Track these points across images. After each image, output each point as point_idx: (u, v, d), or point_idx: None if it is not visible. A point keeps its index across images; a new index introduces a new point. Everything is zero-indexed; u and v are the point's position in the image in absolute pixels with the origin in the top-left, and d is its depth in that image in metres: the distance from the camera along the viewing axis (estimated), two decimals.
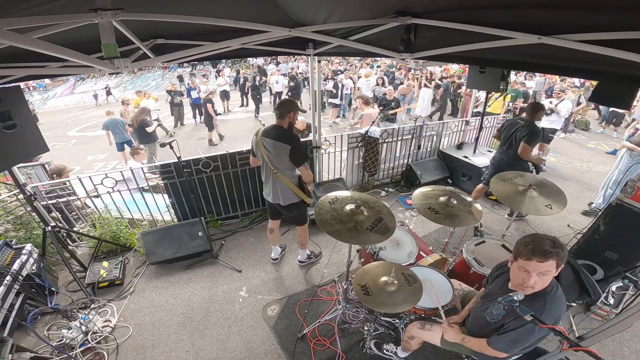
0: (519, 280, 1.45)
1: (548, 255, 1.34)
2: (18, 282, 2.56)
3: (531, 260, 1.37)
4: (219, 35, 2.12)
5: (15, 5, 1.35)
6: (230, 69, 19.81)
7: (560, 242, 1.39)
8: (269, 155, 2.61)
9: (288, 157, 2.56)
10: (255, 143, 2.68)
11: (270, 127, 2.63)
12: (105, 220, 3.68)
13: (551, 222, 4.30)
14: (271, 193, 2.81)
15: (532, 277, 1.39)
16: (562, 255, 1.36)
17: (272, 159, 2.62)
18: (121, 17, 1.48)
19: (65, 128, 12.12)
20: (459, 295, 2.14)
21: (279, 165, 2.63)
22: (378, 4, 2.10)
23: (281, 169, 2.64)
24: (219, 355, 2.58)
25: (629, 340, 2.67)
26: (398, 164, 5.29)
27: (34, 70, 2.12)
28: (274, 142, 2.55)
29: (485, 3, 1.66)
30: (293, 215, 3.01)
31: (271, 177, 2.73)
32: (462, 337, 1.76)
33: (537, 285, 1.42)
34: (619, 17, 1.29)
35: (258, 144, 2.63)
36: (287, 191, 2.75)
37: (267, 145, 2.59)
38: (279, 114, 2.58)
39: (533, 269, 1.38)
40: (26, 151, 2.33)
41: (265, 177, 2.82)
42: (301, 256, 3.47)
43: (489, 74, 3.43)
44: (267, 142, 2.58)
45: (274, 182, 2.74)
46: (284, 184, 2.69)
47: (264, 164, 2.71)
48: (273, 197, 2.82)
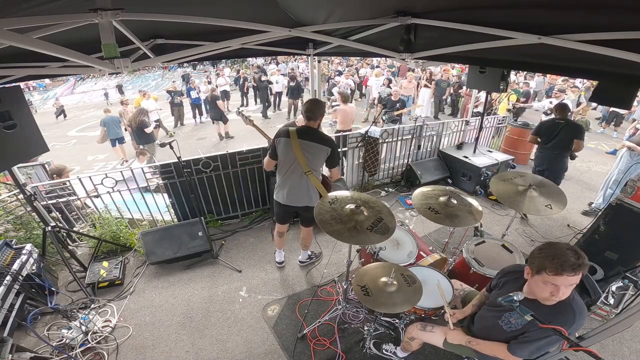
0: (546, 294, 1.40)
1: (578, 269, 1.31)
2: (18, 282, 2.55)
3: (561, 275, 1.32)
4: (219, 35, 2.12)
5: (15, 5, 1.35)
6: (230, 69, 19.82)
7: (579, 250, 1.35)
8: (306, 157, 2.53)
9: (325, 159, 2.58)
10: (285, 144, 2.55)
11: (304, 129, 2.55)
12: (105, 220, 3.68)
13: (551, 222, 4.30)
14: (297, 195, 2.69)
15: (560, 290, 1.36)
16: (587, 263, 1.33)
17: (310, 160, 2.54)
18: (121, 17, 1.48)
19: (65, 128, 12.12)
20: (459, 295, 2.14)
21: (314, 166, 2.59)
22: (378, 4, 2.10)
23: (315, 170, 2.61)
24: (219, 355, 2.58)
25: (629, 340, 2.67)
26: (398, 164, 5.29)
27: (34, 70, 2.12)
28: (314, 144, 2.51)
29: (485, 3, 1.66)
30: (310, 215, 2.89)
31: (302, 178, 2.62)
32: (468, 339, 1.74)
33: (563, 296, 1.39)
34: (619, 17, 1.29)
35: (292, 145, 2.51)
36: (315, 192, 2.69)
37: (305, 146, 2.51)
38: (311, 115, 2.51)
39: (562, 283, 1.34)
40: (26, 151, 2.34)
41: (291, 180, 2.66)
42: (302, 256, 3.45)
43: (489, 74, 3.43)
44: (305, 144, 2.51)
45: (304, 184, 2.64)
46: (314, 184, 2.64)
47: (294, 165, 2.58)
48: (299, 199, 2.71)
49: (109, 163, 8.08)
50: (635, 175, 3.45)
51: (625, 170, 4.16)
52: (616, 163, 4.46)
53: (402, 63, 10.61)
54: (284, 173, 2.68)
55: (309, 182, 2.63)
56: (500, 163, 4.92)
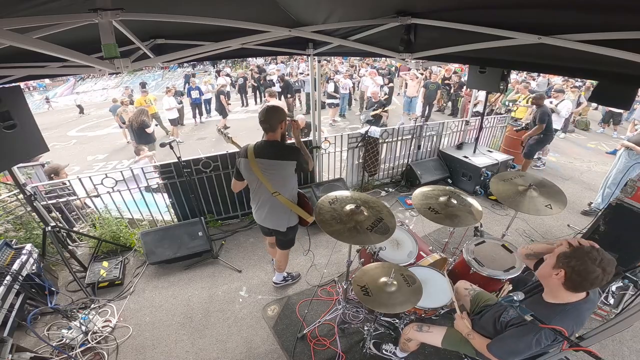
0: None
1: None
2: (18, 282, 2.56)
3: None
4: (219, 35, 2.12)
5: (15, 5, 1.35)
6: (230, 68, 19.82)
7: (607, 265, 1.30)
8: (269, 177, 2.24)
9: (294, 171, 2.30)
10: (244, 165, 2.26)
11: (263, 145, 2.24)
12: (105, 220, 3.69)
13: (551, 222, 4.30)
14: (269, 218, 2.45)
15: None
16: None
17: (273, 179, 2.26)
18: (121, 17, 1.48)
19: (65, 128, 12.12)
20: (469, 295, 2.12)
21: (280, 186, 2.28)
22: (378, 4, 2.09)
23: (283, 190, 2.30)
24: (219, 355, 2.58)
25: (629, 340, 2.67)
26: (398, 164, 5.30)
27: (34, 70, 2.12)
28: (275, 162, 2.22)
29: (486, 3, 1.66)
30: (287, 239, 2.66)
31: (269, 201, 2.36)
32: (469, 332, 1.75)
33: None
34: (618, 17, 1.29)
35: (250, 166, 2.22)
36: (288, 213, 2.42)
37: (264, 165, 2.22)
38: (268, 126, 2.18)
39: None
40: (26, 151, 2.34)
41: (259, 201, 2.42)
42: (277, 277, 3.19)
43: (489, 74, 3.42)
44: (264, 163, 2.22)
45: (273, 206, 2.38)
46: (286, 206, 2.36)
47: (259, 187, 2.34)
48: (272, 223, 2.48)
49: (109, 163, 8.08)
50: (635, 175, 3.45)
51: (624, 170, 4.16)
52: (614, 163, 4.46)
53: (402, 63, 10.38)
54: (252, 193, 2.44)
55: (277, 204, 2.34)
56: (500, 163, 4.92)
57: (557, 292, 1.44)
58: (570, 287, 1.37)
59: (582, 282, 1.32)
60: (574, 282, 1.34)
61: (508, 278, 2.36)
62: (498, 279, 2.36)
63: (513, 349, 1.48)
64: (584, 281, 1.31)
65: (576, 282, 1.34)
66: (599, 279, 1.28)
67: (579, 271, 1.30)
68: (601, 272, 1.27)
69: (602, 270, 1.27)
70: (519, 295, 1.38)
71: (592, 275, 1.28)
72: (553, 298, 1.46)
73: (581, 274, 1.30)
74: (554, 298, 1.46)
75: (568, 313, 1.40)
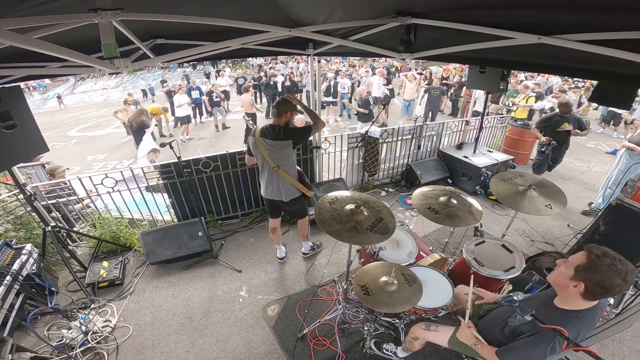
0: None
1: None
2: (18, 282, 2.56)
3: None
4: (219, 35, 2.12)
5: (15, 5, 1.35)
6: (230, 68, 19.82)
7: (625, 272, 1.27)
8: (270, 154, 2.67)
9: (292, 148, 2.68)
10: (253, 143, 2.73)
11: (268, 127, 2.67)
12: (105, 220, 3.68)
13: (551, 222, 4.30)
14: (272, 190, 2.85)
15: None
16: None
17: (274, 156, 2.68)
18: (121, 17, 1.48)
19: (65, 128, 12.12)
20: (474, 299, 2.10)
21: (280, 162, 2.70)
22: (378, 4, 2.10)
23: (282, 166, 2.71)
24: (219, 355, 2.58)
25: (629, 340, 2.67)
26: (398, 164, 5.29)
27: (34, 70, 2.12)
28: (275, 142, 2.64)
29: (486, 3, 1.66)
30: (295, 209, 3.04)
31: (273, 174, 2.78)
32: (475, 342, 1.69)
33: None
34: (618, 17, 1.29)
35: (257, 144, 2.68)
36: (289, 186, 2.82)
37: (267, 145, 2.65)
38: (276, 112, 2.64)
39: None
40: (26, 151, 2.34)
41: (265, 176, 2.85)
42: (305, 248, 3.56)
43: (489, 74, 3.43)
44: (266, 142, 2.65)
45: (276, 179, 2.79)
46: (286, 179, 2.76)
47: (264, 162, 2.75)
48: (275, 194, 2.86)
49: (109, 163, 8.08)
50: (635, 175, 3.45)
51: (625, 170, 4.16)
52: (615, 163, 4.46)
53: (402, 63, 10.33)
54: (260, 170, 2.88)
55: (279, 177, 2.77)
56: (500, 163, 4.92)
57: (572, 301, 1.40)
58: (590, 297, 1.34)
59: (604, 294, 1.30)
60: (595, 294, 1.31)
61: (508, 278, 2.36)
62: (498, 279, 2.36)
63: (527, 357, 1.44)
64: (606, 293, 1.29)
65: (598, 294, 1.31)
66: (621, 290, 1.27)
67: (603, 285, 1.27)
68: (624, 283, 1.25)
69: (625, 282, 1.25)
70: (519, 295, 1.38)
71: (617, 289, 1.26)
72: (566, 305, 1.43)
73: (605, 287, 1.27)
74: (567, 305, 1.42)
75: (582, 320, 1.37)
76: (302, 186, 2.86)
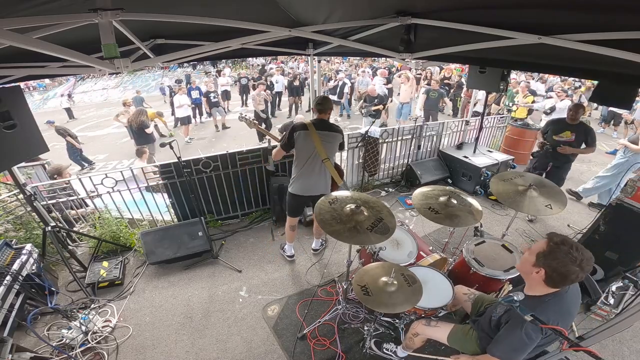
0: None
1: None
2: (18, 282, 2.55)
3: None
4: (219, 35, 2.12)
5: (15, 5, 1.35)
6: (230, 68, 19.81)
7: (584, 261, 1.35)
8: (325, 146, 2.77)
9: (338, 144, 2.89)
10: (305, 137, 2.75)
11: (320, 121, 2.81)
12: (105, 220, 3.68)
13: (551, 222, 4.30)
14: (319, 185, 2.92)
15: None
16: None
17: (327, 147, 2.79)
18: (121, 17, 1.48)
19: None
20: (469, 299, 2.11)
21: (330, 154, 2.84)
22: (378, 4, 2.10)
23: (331, 158, 2.85)
24: (219, 355, 2.58)
25: (629, 340, 2.67)
26: (398, 164, 5.29)
27: (34, 70, 2.12)
28: (331, 134, 2.79)
29: (486, 3, 1.66)
30: None
31: (320, 167, 2.85)
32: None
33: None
34: (618, 17, 1.29)
35: (312, 137, 2.73)
36: (330, 178, 2.94)
37: (324, 137, 2.76)
38: (322, 108, 2.80)
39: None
40: (26, 151, 2.34)
41: (310, 170, 2.86)
42: (315, 244, 3.66)
43: (489, 74, 3.43)
44: (323, 134, 2.76)
45: (322, 172, 2.87)
46: (330, 172, 2.88)
47: (313, 155, 2.79)
48: (317, 188, 2.91)
49: (109, 163, 8.08)
50: (634, 171, 3.45)
51: (621, 167, 4.32)
52: (613, 163, 4.61)
53: (402, 63, 10.23)
54: (302, 164, 2.86)
55: (326, 171, 2.88)
56: (500, 163, 4.92)
57: (537, 287, 1.50)
58: (550, 283, 1.43)
59: (562, 280, 1.39)
60: (554, 280, 1.41)
61: (508, 278, 2.36)
62: (498, 279, 2.36)
63: (513, 347, 1.48)
64: (564, 280, 1.38)
65: (557, 281, 1.40)
66: (578, 277, 1.36)
67: (560, 272, 1.36)
68: (580, 270, 1.34)
69: (581, 269, 1.34)
70: (519, 295, 1.38)
71: (573, 275, 1.35)
72: (533, 291, 1.52)
73: (562, 274, 1.36)
74: (534, 291, 1.51)
75: (549, 304, 1.44)
76: (339, 177, 2.96)
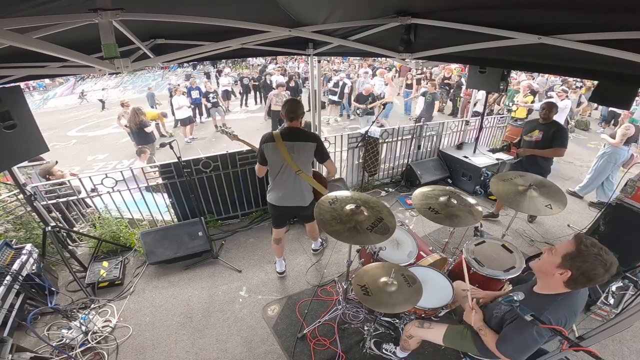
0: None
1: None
2: (18, 282, 2.56)
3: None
4: (219, 35, 2.12)
5: (15, 5, 1.35)
6: (230, 68, 19.81)
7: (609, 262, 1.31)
8: (294, 157, 2.57)
9: (314, 154, 2.61)
10: (272, 149, 2.56)
11: (287, 130, 2.57)
12: (105, 220, 3.68)
13: (551, 222, 4.30)
14: (295, 196, 2.73)
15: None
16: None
17: (297, 159, 2.58)
18: (121, 17, 1.48)
19: (65, 128, 12.11)
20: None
21: (303, 165, 2.63)
22: (378, 4, 2.09)
23: (304, 169, 2.65)
24: (219, 355, 2.58)
25: (629, 340, 2.67)
26: (398, 164, 5.29)
27: (34, 70, 2.12)
28: (299, 143, 2.55)
29: (486, 3, 1.66)
30: (309, 213, 2.83)
31: (293, 179, 2.66)
32: (481, 326, 1.70)
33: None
34: (618, 17, 1.28)
35: (278, 148, 2.54)
36: (308, 189, 2.76)
37: (291, 147, 2.55)
38: (293, 115, 2.55)
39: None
40: (26, 151, 2.34)
41: (283, 181, 2.68)
42: (315, 245, 3.64)
43: (489, 74, 3.43)
44: (290, 145, 2.55)
45: (297, 183, 2.68)
46: (307, 181, 2.69)
47: (284, 167, 2.61)
48: (295, 200, 2.74)
49: (109, 163, 8.08)
50: (635, 175, 3.46)
51: (611, 161, 4.63)
52: (598, 157, 4.88)
53: (402, 63, 10.16)
54: (274, 176, 2.69)
55: (301, 182, 2.68)
56: (500, 163, 4.92)
57: (553, 286, 1.45)
58: (572, 285, 1.38)
59: (586, 282, 1.34)
60: (578, 282, 1.36)
61: (508, 278, 2.36)
62: (498, 279, 2.36)
63: (523, 345, 1.46)
64: (589, 282, 1.33)
65: (580, 282, 1.35)
66: (602, 281, 1.31)
67: (588, 275, 1.30)
68: (606, 274, 1.29)
69: (608, 272, 1.29)
70: (519, 295, 1.38)
71: (599, 279, 1.30)
72: (546, 290, 1.49)
73: (589, 276, 1.31)
74: (547, 290, 1.48)
75: (561, 303, 1.42)
76: (321, 186, 2.81)
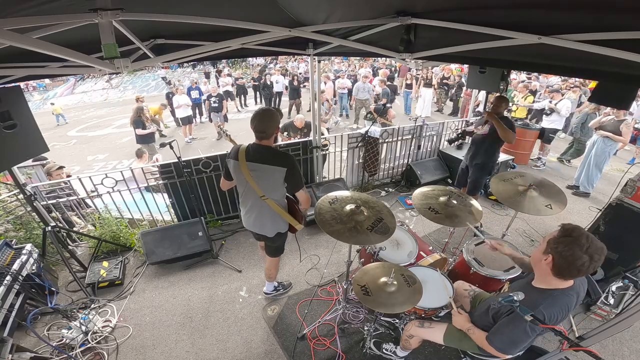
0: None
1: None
2: (18, 282, 2.55)
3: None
4: (219, 35, 2.12)
5: (15, 5, 1.35)
6: (229, 68, 19.81)
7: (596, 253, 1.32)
8: (256, 181, 2.17)
9: (283, 181, 2.19)
10: (234, 167, 2.21)
11: (254, 148, 2.17)
12: (105, 220, 3.68)
13: (551, 222, 4.29)
14: (257, 223, 2.39)
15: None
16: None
17: (261, 184, 2.19)
18: (121, 17, 1.48)
19: (65, 128, 12.11)
20: (469, 296, 2.12)
21: (269, 191, 2.22)
22: (378, 4, 2.09)
23: (271, 195, 2.24)
24: (219, 355, 2.58)
25: (629, 340, 2.67)
26: (398, 164, 5.30)
27: (34, 70, 2.12)
28: (264, 166, 2.14)
29: (486, 3, 1.66)
30: (276, 245, 2.59)
31: (257, 204, 2.29)
32: (469, 327, 1.74)
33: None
34: (618, 17, 1.29)
35: (240, 168, 2.16)
36: (276, 219, 2.35)
37: (254, 169, 2.15)
38: (264, 134, 2.13)
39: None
40: (26, 151, 2.34)
41: (248, 205, 2.36)
42: (267, 287, 3.04)
43: (489, 74, 3.43)
44: (253, 166, 2.15)
45: (261, 210, 2.31)
46: (274, 210, 2.28)
47: (248, 189, 2.26)
48: (260, 228, 2.41)
49: (109, 163, 8.08)
50: (635, 175, 3.45)
51: (601, 155, 4.80)
52: (589, 147, 5.09)
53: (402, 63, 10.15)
54: (240, 195, 2.39)
55: (265, 208, 2.28)
56: (500, 163, 4.91)
57: (545, 278, 1.48)
58: (557, 273, 1.40)
59: (568, 267, 1.35)
60: (560, 268, 1.37)
61: (508, 278, 2.36)
62: (498, 279, 2.36)
63: (512, 338, 1.49)
64: (570, 267, 1.34)
65: (562, 268, 1.37)
66: (585, 266, 1.31)
67: (566, 257, 1.33)
68: (588, 259, 1.30)
69: (589, 257, 1.30)
70: (519, 295, 1.38)
71: (579, 262, 1.30)
72: (541, 284, 1.50)
73: (568, 259, 1.33)
74: (543, 283, 1.50)
75: (556, 298, 1.43)
76: (292, 219, 2.35)
